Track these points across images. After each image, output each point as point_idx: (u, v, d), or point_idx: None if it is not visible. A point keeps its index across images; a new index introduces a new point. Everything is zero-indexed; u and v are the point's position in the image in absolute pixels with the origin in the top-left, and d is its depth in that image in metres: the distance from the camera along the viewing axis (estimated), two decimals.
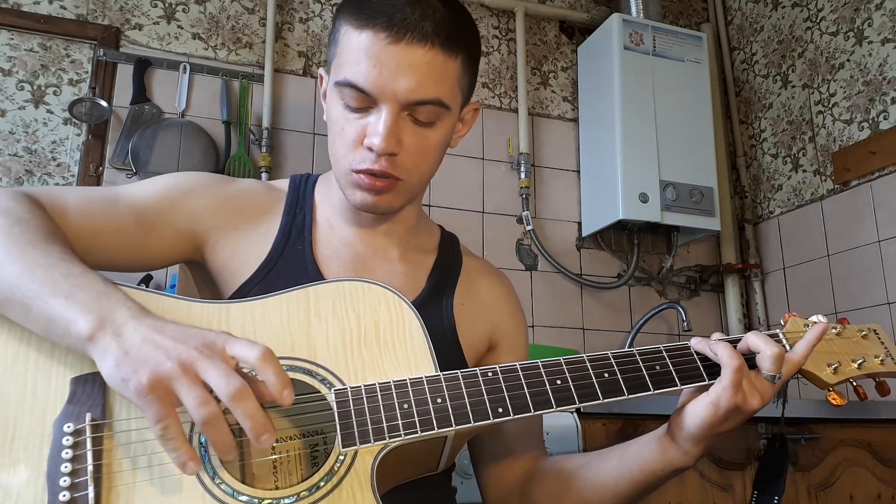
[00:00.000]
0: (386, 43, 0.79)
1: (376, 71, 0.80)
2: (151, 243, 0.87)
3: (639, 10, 2.51)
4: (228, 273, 0.89)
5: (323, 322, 0.77)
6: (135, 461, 0.67)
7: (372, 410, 0.72)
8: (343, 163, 0.86)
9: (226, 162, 2.14)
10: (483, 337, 0.98)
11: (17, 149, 1.98)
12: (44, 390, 0.69)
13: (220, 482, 0.67)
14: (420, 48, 0.80)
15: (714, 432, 0.78)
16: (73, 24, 2.09)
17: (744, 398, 0.76)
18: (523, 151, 2.45)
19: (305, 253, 0.91)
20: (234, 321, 0.76)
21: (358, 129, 0.83)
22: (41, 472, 0.65)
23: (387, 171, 0.83)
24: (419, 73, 0.80)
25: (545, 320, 2.38)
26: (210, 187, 0.93)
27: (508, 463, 0.97)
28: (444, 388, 0.74)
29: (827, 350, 0.85)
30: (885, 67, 2.20)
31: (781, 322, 0.87)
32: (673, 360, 0.81)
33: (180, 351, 0.62)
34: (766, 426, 1.78)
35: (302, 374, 0.74)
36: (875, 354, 0.86)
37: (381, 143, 0.80)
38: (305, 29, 2.35)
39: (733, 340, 0.81)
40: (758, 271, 2.59)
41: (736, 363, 0.76)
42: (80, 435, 0.66)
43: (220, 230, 0.91)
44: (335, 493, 0.69)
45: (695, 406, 0.78)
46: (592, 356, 0.80)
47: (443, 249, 1.01)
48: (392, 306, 0.79)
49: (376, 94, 0.81)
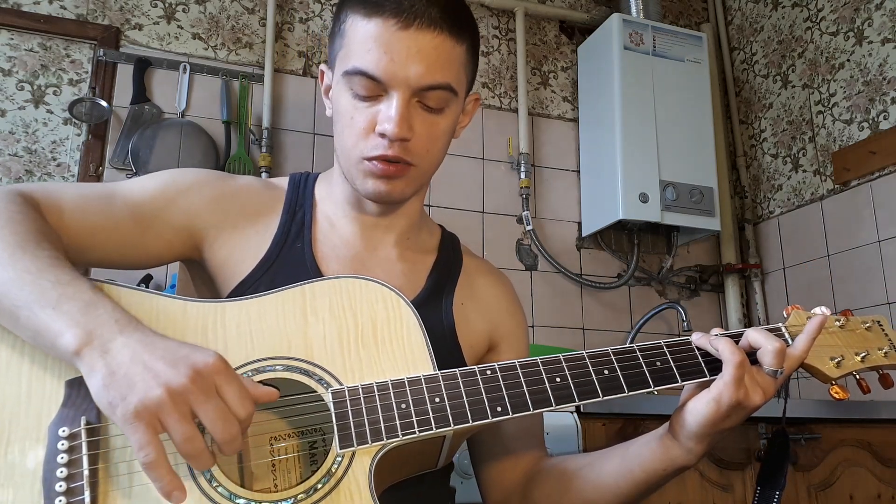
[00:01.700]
0: (396, 29, 0.80)
1: (387, 57, 0.80)
2: (148, 241, 0.86)
3: (639, 10, 2.51)
4: (227, 271, 0.89)
5: (320, 321, 0.77)
6: (130, 465, 0.66)
7: (369, 411, 0.71)
8: (354, 153, 0.86)
9: (226, 162, 2.14)
10: (483, 337, 0.98)
11: (17, 149, 1.98)
12: (38, 393, 0.68)
13: (217, 485, 0.67)
14: (429, 34, 0.81)
15: (716, 429, 0.77)
16: (73, 24, 2.09)
17: (746, 394, 0.76)
18: (523, 151, 2.45)
19: (305, 251, 0.91)
20: (230, 321, 0.75)
21: (368, 117, 0.83)
22: (37, 477, 0.64)
23: (400, 157, 0.83)
24: (429, 59, 0.81)
25: (545, 320, 2.38)
26: (208, 184, 0.92)
27: (509, 463, 0.96)
28: (443, 388, 0.74)
29: (829, 343, 0.84)
30: (885, 67, 2.20)
31: (784, 314, 0.86)
32: (674, 356, 0.80)
33: (170, 378, 0.61)
34: (766, 426, 1.77)
35: (299, 374, 0.73)
36: (879, 347, 0.85)
37: (395, 129, 0.81)
38: (305, 29, 2.35)
39: (734, 336, 0.81)
40: (758, 271, 2.59)
41: (738, 358, 0.76)
42: (75, 439, 0.66)
43: (219, 228, 0.90)
44: (333, 494, 0.68)
45: (696, 403, 0.77)
46: (592, 353, 0.79)
47: (443, 249, 1.01)
48: (390, 304, 0.79)
49: (387, 81, 0.81)
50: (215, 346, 0.74)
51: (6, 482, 0.64)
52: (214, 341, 0.74)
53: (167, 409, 0.60)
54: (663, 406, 1.66)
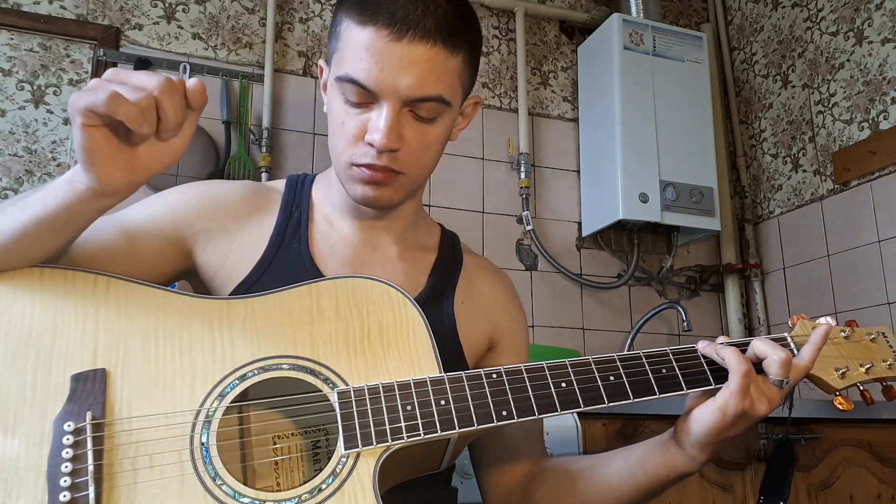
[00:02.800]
0: (388, 40, 0.79)
1: (378, 68, 0.79)
2: (140, 252, 0.86)
3: (639, 10, 2.51)
4: (224, 275, 0.89)
5: (326, 320, 0.77)
6: (135, 461, 0.67)
7: (375, 412, 0.71)
8: (343, 157, 0.85)
9: (226, 162, 2.14)
10: (483, 336, 0.97)
11: (17, 149, 1.98)
12: (43, 387, 0.68)
13: (221, 483, 0.67)
14: (422, 46, 0.79)
15: (721, 438, 0.77)
16: (73, 24, 2.09)
17: (751, 403, 0.76)
18: (523, 151, 2.45)
19: (301, 251, 0.91)
20: (236, 318, 0.75)
21: (358, 124, 0.83)
22: (41, 472, 0.65)
23: (388, 167, 0.83)
24: (421, 71, 0.80)
25: (545, 320, 2.38)
26: (193, 192, 0.92)
27: (510, 465, 0.96)
28: (448, 390, 0.73)
29: (835, 354, 0.85)
30: (885, 67, 2.20)
31: (790, 324, 0.87)
32: (679, 364, 0.80)
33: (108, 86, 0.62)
34: (765, 426, 1.77)
35: (305, 373, 0.73)
36: (883, 359, 0.86)
37: (383, 140, 0.80)
38: (305, 29, 2.35)
39: (740, 345, 0.81)
40: (758, 271, 2.59)
41: (744, 368, 0.76)
42: (80, 434, 0.66)
43: (209, 233, 0.90)
44: (337, 495, 0.68)
45: (701, 412, 0.77)
46: (598, 358, 0.79)
47: (443, 248, 1.01)
48: (396, 305, 0.78)
49: (378, 91, 0.80)
50: (222, 341, 0.74)
51: (11, 476, 0.64)
52: (221, 337, 0.74)
53: (113, 85, 0.62)
54: (663, 406, 1.66)
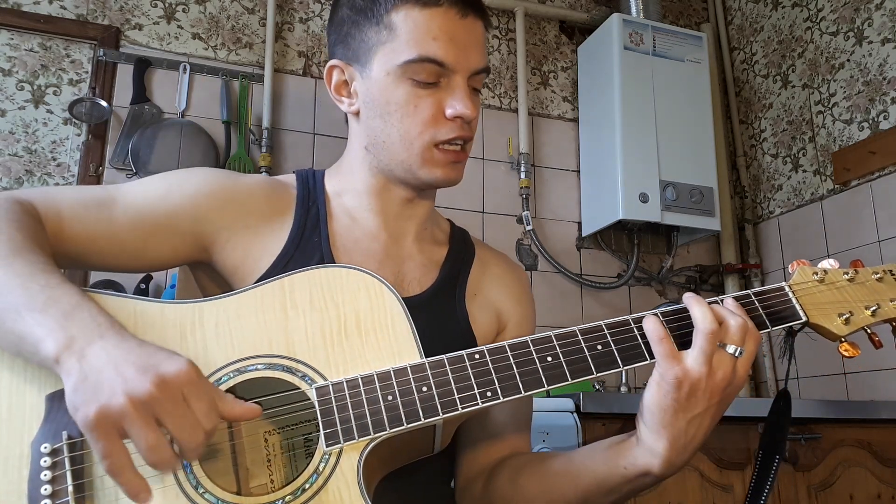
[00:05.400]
0: (458, 18, 0.87)
1: (452, 44, 0.86)
2: (150, 248, 0.85)
3: (639, 10, 2.51)
4: (244, 272, 0.88)
5: (300, 314, 0.74)
6: None
7: (355, 406, 0.69)
8: (422, 140, 0.88)
9: (226, 162, 2.15)
10: (493, 327, 0.97)
11: (17, 149, 1.98)
12: (19, 409, 0.67)
13: (203, 492, 0.66)
14: (478, 21, 0.91)
15: (672, 416, 0.71)
16: (73, 24, 2.09)
17: (686, 372, 0.70)
18: (523, 151, 2.45)
19: (322, 245, 0.90)
20: (208, 320, 0.73)
21: (434, 104, 0.88)
22: (22, 495, 0.63)
23: (471, 135, 0.91)
24: (480, 45, 0.90)
25: (545, 320, 2.38)
26: (216, 185, 0.90)
27: (485, 448, 0.94)
28: (430, 376, 0.71)
29: (837, 299, 0.79)
30: (885, 67, 2.20)
31: (789, 270, 0.81)
32: (670, 326, 0.75)
33: (135, 385, 0.59)
34: (765, 426, 1.77)
35: (281, 371, 0.71)
36: (891, 298, 0.79)
37: (470, 108, 0.87)
38: (305, 29, 2.35)
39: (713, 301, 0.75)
40: (758, 271, 2.59)
41: (662, 332, 0.72)
42: (57, 455, 0.64)
43: (231, 230, 0.88)
44: (321, 494, 0.67)
45: (648, 385, 0.73)
46: (585, 327, 0.76)
47: (454, 241, 1.01)
48: (373, 292, 0.76)
49: (454, 66, 0.86)
50: (195, 347, 0.72)
51: None
52: (194, 343, 0.72)
53: (129, 417, 0.59)
54: None
